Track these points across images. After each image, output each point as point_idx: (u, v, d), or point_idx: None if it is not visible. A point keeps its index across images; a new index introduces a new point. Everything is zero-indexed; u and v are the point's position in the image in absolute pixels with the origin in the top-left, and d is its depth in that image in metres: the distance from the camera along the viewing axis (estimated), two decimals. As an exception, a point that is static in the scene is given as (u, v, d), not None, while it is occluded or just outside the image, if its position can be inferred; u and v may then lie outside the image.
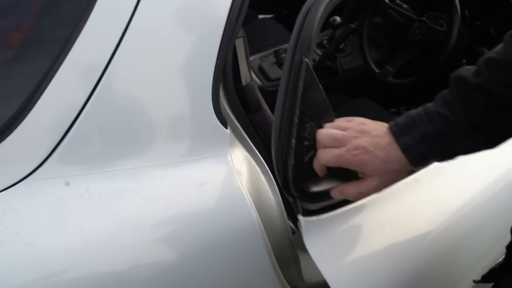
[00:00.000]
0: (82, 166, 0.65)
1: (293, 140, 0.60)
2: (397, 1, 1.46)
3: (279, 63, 1.57)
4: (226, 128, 0.72)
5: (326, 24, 1.61)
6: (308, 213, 0.68)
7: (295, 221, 0.75)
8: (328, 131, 0.62)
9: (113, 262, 0.61)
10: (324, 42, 1.65)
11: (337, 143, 0.61)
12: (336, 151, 0.60)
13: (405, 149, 0.58)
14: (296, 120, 0.60)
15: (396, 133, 0.59)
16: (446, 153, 0.59)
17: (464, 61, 1.37)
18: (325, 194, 0.65)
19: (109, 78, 0.65)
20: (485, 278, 0.67)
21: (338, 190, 0.64)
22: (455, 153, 0.59)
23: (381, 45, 1.56)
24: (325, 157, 0.61)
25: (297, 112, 0.60)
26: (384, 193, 0.65)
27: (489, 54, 0.56)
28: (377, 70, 1.46)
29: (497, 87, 0.54)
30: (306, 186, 0.64)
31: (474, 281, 0.70)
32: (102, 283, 0.61)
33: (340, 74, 1.60)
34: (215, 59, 0.69)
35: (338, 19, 1.59)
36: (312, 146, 0.62)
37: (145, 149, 0.68)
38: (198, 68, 0.69)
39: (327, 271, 0.69)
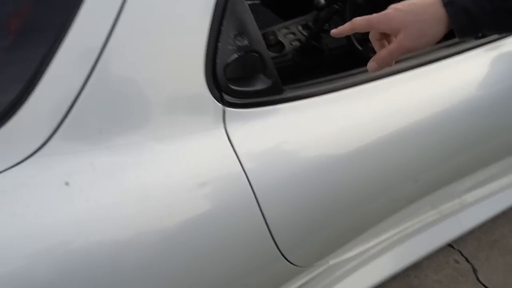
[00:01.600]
0: (85, 142, 0.64)
1: (219, 44, 0.68)
2: (377, -19, 1.44)
3: (268, 45, 1.54)
4: (222, 102, 0.71)
5: (311, 6, 1.59)
6: (231, 105, 0.71)
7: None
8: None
9: (118, 230, 0.61)
10: (310, 23, 1.63)
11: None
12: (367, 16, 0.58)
13: (448, 3, 0.53)
14: (222, 28, 0.68)
15: None
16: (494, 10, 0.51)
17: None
18: (244, 93, 0.73)
19: (105, 60, 0.63)
20: None
21: (373, 61, 0.59)
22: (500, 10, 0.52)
23: (363, 24, 1.54)
24: (356, 20, 0.60)
25: (224, 22, 0.68)
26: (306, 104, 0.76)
27: None
28: (360, 48, 1.44)
29: None
30: (228, 82, 0.71)
31: None
32: (108, 250, 0.61)
33: (326, 53, 1.58)
34: (207, 34, 0.68)
35: (322, 1, 1.56)
36: (235, 50, 0.70)
37: (143, 124, 0.67)
38: (189, 45, 0.67)
39: (244, 157, 0.70)
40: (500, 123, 1.11)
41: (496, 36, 1.05)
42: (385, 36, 0.61)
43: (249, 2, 2.13)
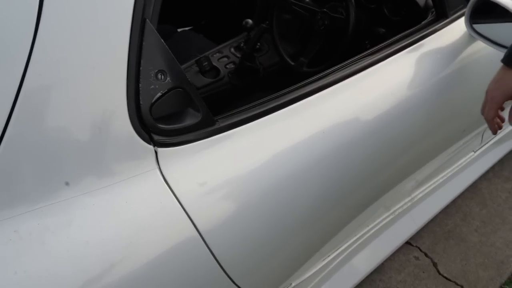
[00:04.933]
0: (6, 209, 0.59)
1: (140, 85, 0.67)
2: (299, -3, 1.47)
3: (202, 71, 1.54)
4: (153, 143, 0.68)
5: (240, 27, 1.60)
6: (163, 145, 0.70)
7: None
8: None
9: (54, 299, 0.57)
10: (241, 44, 1.64)
11: None
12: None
13: None
14: (141, 68, 0.67)
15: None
16: None
17: (366, 42, 1.41)
18: (175, 130, 0.71)
19: (19, 117, 0.59)
20: None
21: None
22: None
23: (293, 39, 1.57)
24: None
25: (142, 62, 0.67)
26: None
27: None
28: (292, 63, 1.47)
29: None
30: (156, 122, 0.69)
31: None
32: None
33: (261, 72, 1.59)
34: (126, 77, 0.65)
35: (250, 21, 1.58)
36: (158, 89, 0.69)
37: (70, 180, 0.64)
38: (109, 90, 0.65)
39: (183, 196, 0.69)
40: (434, 118, 1.15)
41: (415, 36, 1.10)
42: None
43: (180, 29, 2.13)
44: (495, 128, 0.99)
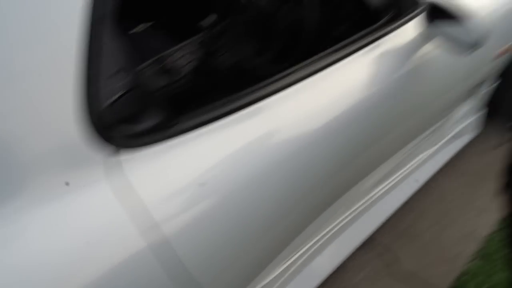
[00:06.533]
0: None
1: (95, 87, 0.61)
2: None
3: (161, 71, 1.49)
4: (112, 147, 0.65)
5: (201, 26, 1.57)
6: (122, 149, 0.66)
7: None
8: None
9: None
10: (203, 43, 1.61)
11: None
12: None
13: None
14: (96, 67, 0.61)
15: None
16: None
17: (325, 42, 1.41)
18: (135, 134, 0.67)
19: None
20: None
21: None
22: None
23: (252, 39, 1.56)
24: None
25: (94, 63, 0.61)
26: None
27: None
28: (251, 63, 1.46)
29: None
30: (114, 125, 0.64)
31: None
32: None
33: (222, 72, 1.58)
34: (77, 79, 0.61)
35: (210, 20, 1.56)
36: (115, 90, 0.63)
37: (16, 188, 0.59)
38: (59, 93, 0.60)
39: (151, 202, 0.66)
40: (391, 117, 1.17)
41: (373, 36, 1.11)
42: None
43: (141, 25, 2.06)
44: None
